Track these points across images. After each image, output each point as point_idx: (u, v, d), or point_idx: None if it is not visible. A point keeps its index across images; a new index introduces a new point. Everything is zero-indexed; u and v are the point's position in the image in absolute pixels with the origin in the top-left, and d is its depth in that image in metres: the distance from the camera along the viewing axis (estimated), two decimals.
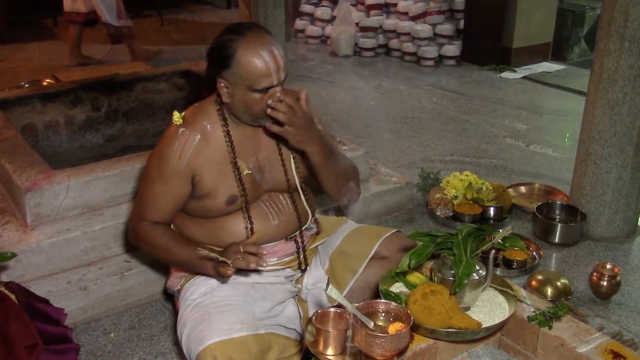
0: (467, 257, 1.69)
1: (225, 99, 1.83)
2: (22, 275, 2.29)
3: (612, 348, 1.69)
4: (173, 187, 1.88)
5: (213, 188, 1.89)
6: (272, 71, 1.75)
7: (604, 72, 2.81)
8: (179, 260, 1.91)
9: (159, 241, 1.89)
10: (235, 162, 1.90)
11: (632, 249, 2.99)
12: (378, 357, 1.53)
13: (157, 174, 1.88)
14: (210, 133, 1.89)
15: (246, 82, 1.76)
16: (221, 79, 1.80)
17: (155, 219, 1.91)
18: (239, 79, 1.76)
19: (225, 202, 1.90)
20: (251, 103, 1.79)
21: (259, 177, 1.95)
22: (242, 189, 1.90)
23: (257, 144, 1.96)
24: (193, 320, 1.81)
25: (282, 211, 1.99)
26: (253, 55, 1.73)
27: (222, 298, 1.85)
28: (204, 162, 1.87)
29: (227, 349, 1.69)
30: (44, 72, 5.50)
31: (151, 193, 1.90)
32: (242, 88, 1.77)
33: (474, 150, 4.15)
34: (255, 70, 1.73)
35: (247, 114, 1.83)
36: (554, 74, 5.79)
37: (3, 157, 2.61)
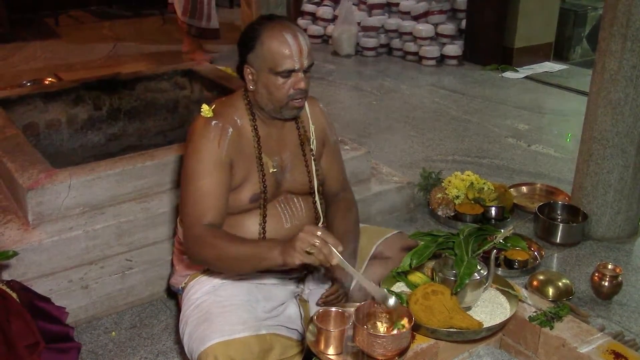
0: (469, 257, 1.69)
1: (250, 86, 1.83)
2: (24, 273, 2.29)
3: (614, 348, 1.69)
4: (220, 178, 1.81)
5: (240, 183, 1.88)
6: (294, 53, 1.75)
7: (606, 72, 2.81)
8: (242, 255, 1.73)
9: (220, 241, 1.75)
10: (261, 158, 1.89)
11: (633, 250, 2.99)
12: (379, 356, 1.53)
13: (201, 169, 1.81)
14: (241, 127, 1.88)
15: (269, 63, 1.76)
16: (247, 65, 1.81)
17: (210, 219, 1.80)
18: (263, 61, 1.77)
19: (249, 199, 1.88)
20: (274, 88, 1.78)
21: (280, 177, 1.95)
22: (264, 187, 1.89)
23: (281, 143, 1.96)
24: (195, 320, 1.80)
25: (295, 215, 1.99)
26: (276, 36, 1.75)
27: (224, 298, 1.85)
28: (237, 154, 1.85)
29: (228, 350, 1.69)
30: (46, 71, 5.51)
31: (200, 191, 1.80)
32: (265, 72, 1.78)
33: (475, 150, 4.15)
34: (278, 50, 1.74)
35: (270, 101, 1.82)
36: (556, 74, 5.79)
37: (5, 156, 2.61)
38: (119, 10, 8.28)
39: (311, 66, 1.82)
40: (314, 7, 6.89)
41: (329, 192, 2.10)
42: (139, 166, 2.57)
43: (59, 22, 7.57)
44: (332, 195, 2.10)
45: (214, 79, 3.57)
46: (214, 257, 1.76)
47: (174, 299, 2.60)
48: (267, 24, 1.78)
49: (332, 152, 2.10)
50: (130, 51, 6.46)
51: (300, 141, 1.98)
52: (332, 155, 2.10)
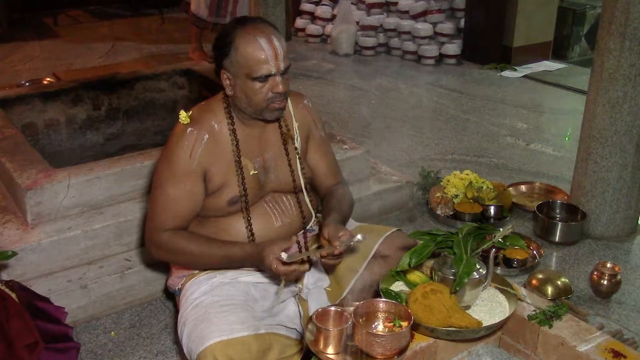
0: (468, 256, 1.69)
1: (228, 91, 1.83)
2: (23, 274, 2.29)
3: (613, 347, 1.70)
4: (187, 188, 1.84)
5: (218, 187, 1.88)
6: (269, 58, 1.74)
7: (605, 71, 2.81)
8: (215, 261, 1.85)
9: (186, 247, 1.83)
10: (240, 162, 1.89)
11: (632, 248, 2.99)
12: (378, 356, 1.53)
13: (169, 176, 1.84)
14: (218, 132, 1.88)
15: (245, 69, 1.75)
16: (224, 70, 1.81)
17: (173, 225, 1.85)
18: (239, 67, 1.77)
19: (226, 203, 1.89)
20: (251, 93, 1.79)
21: (263, 177, 1.95)
22: (243, 189, 1.89)
23: (263, 143, 1.95)
24: (194, 320, 1.80)
25: (285, 213, 1.99)
26: (250, 42, 1.74)
27: (222, 297, 1.85)
28: (213, 160, 1.86)
29: (227, 349, 1.69)
30: (45, 71, 5.51)
31: (166, 198, 1.84)
32: (242, 77, 1.77)
33: (474, 149, 4.15)
34: (252, 56, 1.73)
35: (249, 105, 1.82)
36: (554, 72, 5.79)
37: (4, 156, 2.61)
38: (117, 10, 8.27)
39: (288, 68, 1.81)
40: (313, 6, 6.89)
41: (320, 186, 2.10)
42: (138, 166, 2.57)
43: (58, 21, 7.56)
44: (325, 189, 2.10)
45: (213, 79, 3.57)
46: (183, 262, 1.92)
47: (172, 299, 2.60)
48: (240, 29, 1.76)
49: (318, 146, 2.09)
50: (129, 51, 6.46)
51: (282, 140, 1.98)
52: (319, 151, 2.09)
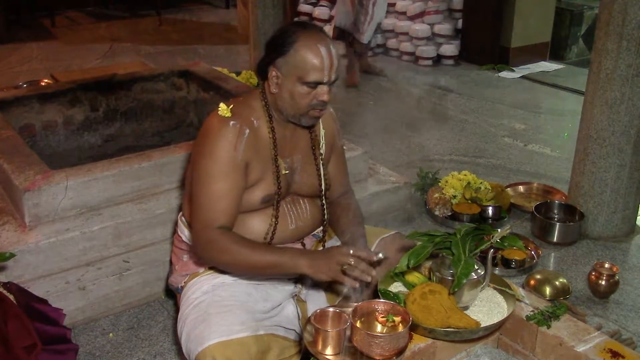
0: (466, 256, 1.69)
1: (273, 89, 1.84)
2: (21, 275, 2.29)
3: (611, 347, 1.70)
4: (234, 181, 1.81)
5: (254, 184, 1.88)
6: (325, 67, 1.77)
7: (602, 71, 2.81)
8: (264, 264, 1.78)
9: (237, 247, 1.78)
10: (277, 160, 1.90)
11: (630, 248, 3.00)
12: (377, 356, 1.53)
13: (216, 170, 1.80)
14: (257, 128, 1.88)
15: (299, 72, 1.77)
16: (274, 67, 1.82)
17: (223, 222, 1.81)
18: (293, 68, 1.78)
19: (260, 199, 1.89)
20: (298, 96, 1.80)
21: (290, 179, 1.96)
22: (278, 188, 1.91)
23: (293, 145, 1.97)
24: (193, 320, 1.80)
25: (300, 217, 2.00)
26: (311, 47, 1.76)
27: (222, 298, 1.85)
28: (252, 156, 1.86)
29: (226, 350, 1.69)
30: (42, 72, 5.50)
31: (213, 194, 1.80)
32: (293, 78, 1.79)
33: (472, 149, 4.15)
34: (310, 61, 1.76)
35: (292, 107, 1.83)
36: (552, 73, 5.79)
37: (1, 158, 2.61)
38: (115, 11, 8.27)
39: (336, 80, 1.84)
40: (311, 7, 6.90)
41: (332, 194, 2.12)
42: (136, 167, 2.57)
43: (56, 23, 7.56)
44: (335, 196, 2.13)
45: (211, 80, 3.57)
46: (229, 262, 1.81)
47: (171, 299, 2.60)
48: (304, 33, 1.79)
49: (339, 156, 2.13)
50: (127, 52, 6.45)
51: (311, 144, 2.00)
52: (339, 160, 2.14)
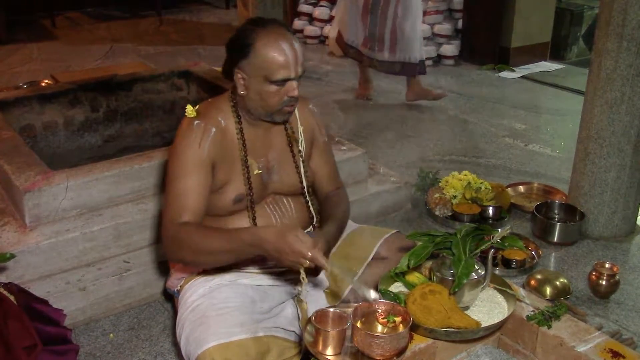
0: (466, 256, 1.69)
1: (240, 90, 1.83)
2: (21, 276, 2.29)
3: (611, 347, 1.70)
4: (198, 178, 1.81)
5: (223, 184, 1.88)
6: (290, 63, 1.76)
7: (603, 71, 2.81)
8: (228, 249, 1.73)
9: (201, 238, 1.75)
10: (246, 160, 1.89)
11: (630, 248, 3.00)
12: (377, 357, 1.53)
13: (180, 168, 1.81)
14: (225, 128, 1.88)
15: (263, 72, 1.76)
16: (238, 70, 1.80)
17: (187, 219, 1.80)
18: (257, 69, 1.76)
19: (232, 200, 1.89)
20: (266, 95, 1.79)
21: (266, 178, 1.95)
22: (249, 188, 1.89)
23: (268, 144, 1.96)
24: (192, 323, 1.80)
25: (285, 215, 1.99)
26: (272, 46, 1.74)
27: (220, 300, 1.85)
28: (219, 155, 1.86)
29: (225, 353, 1.69)
30: (43, 73, 5.50)
31: (177, 191, 1.81)
32: (259, 79, 1.78)
33: (472, 149, 4.15)
34: (273, 60, 1.74)
35: (262, 107, 1.83)
36: (552, 73, 5.79)
37: (2, 158, 2.61)
38: (115, 12, 8.28)
39: (304, 72, 1.83)
40: (311, 7, 6.90)
41: (321, 191, 2.11)
42: (136, 167, 2.57)
43: (56, 23, 7.56)
44: (325, 194, 2.11)
45: (211, 80, 3.57)
46: (191, 254, 1.77)
47: (171, 300, 2.60)
48: (262, 31, 1.76)
49: (322, 152, 2.10)
50: (127, 52, 6.46)
51: (288, 142, 1.99)
52: (322, 155, 2.10)
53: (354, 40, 4.63)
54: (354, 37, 4.59)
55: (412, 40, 4.47)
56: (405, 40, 4.42)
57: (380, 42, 4.44)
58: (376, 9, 4.32)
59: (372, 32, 4.44)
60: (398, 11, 4.33)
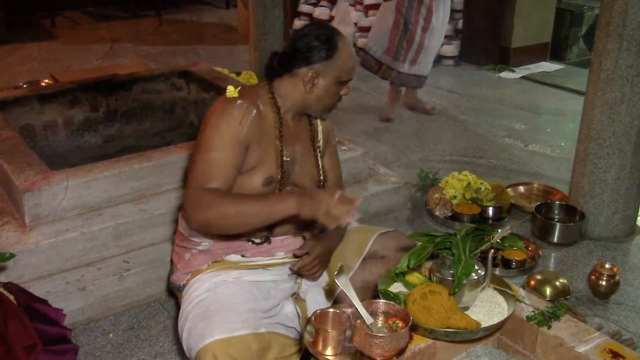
0: (466, 257, 1.69)
1: (308, 89, 1.92)
2: (21, 276, 2.29)
3: (611, 348, 1.70)
4: (234, 154, 1.84)
5: (255, 166, 1.91)
6: (355, 67, 1.97)
7: (603, 71, 2.81)
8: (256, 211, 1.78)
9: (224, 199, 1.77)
10: (282, 145, 1.95)
11: (630, 249, 3.00)
12: (377, 357, 1.53)
13: (217, 141, 1.83)
14: (262, 112, 1.92)
15: (339, 73, 1.91)
16: (311, 69, 1.89)
17: (214, 186, 1.81)
18: (334, 70, 1.90)
19: (262, 183, 1.92)
20: (332, 93, 1.94)
21: (291, 167, 2.00)
22: (281, 172, 1.95)
23: (296, 136, 2.01)
24: (195, 317, 1.81)
25: None
26: (349, 51, 1.93)
27: (224, 296, 1.86)
28: (256, 137, 1.89)
29: (228, 348, 1.70)
30: (42, 73, 5.50)
31: (211, 160, 1.82)
32: (332, 79, 1.91)
33: (472, 150, 4.15)
34: (349, 64, 1.93)
35: (324, 104, 1.96)
36: (552, 73, 5.80)
37: (1, 158, 2.61)
38: (115, 12, 8.28)
39: None
40: (311, 7, 6.90)
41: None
42: (136, 167, 2.57)
43: (56, 23, 7.57)
44: None
45: (211, 80, 3.57)
46: (217, 216, 1.77)
47: (172, 299, 2.60)
48: (340, 37, 1.92)
49: (332, 154, 2.17)
50: (127, 52, 6.46)
51: (311, 137, 2.07)
52: (332, 157, 2.18)
53: (375, 48, 4.59)
54: (376, 45, 4.57)
55: (432, 55, 4.61)
56: (427, 54, 4.53)
57: (405, 54, 4.49)
58: (407, 24, 4.39)
59: (400, 44, 4.46)
60: (426, 31, 4.41)
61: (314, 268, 1.98)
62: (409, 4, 4.35)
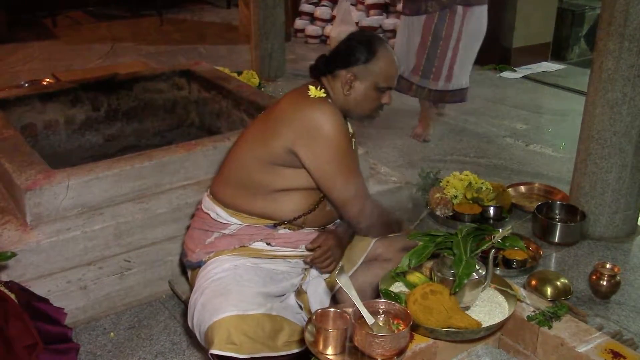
0: (467, 256, 1.69)
1: (345, 91, 1.97)
2: (22, 274, 2.29)
3: (612, 348, 1.70)
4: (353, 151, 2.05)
5: None
6: (395, 76, 2.00)
7: (604, 71, 2.81)
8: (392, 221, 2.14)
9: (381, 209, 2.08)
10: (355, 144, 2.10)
11: (631, 249, 3.00)
12: (378, 356, 1.53)
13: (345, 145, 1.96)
14: None
15: (376, 78, 1.95)
16: (350, 72, 1.95)
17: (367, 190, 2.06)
18: (371, 74, 1.95)
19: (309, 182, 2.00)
20: (369, 99, 1.99)
21: None
22: None
23: None
24: (212, 292, 1.86)
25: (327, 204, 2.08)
26: (389, 58, 1.97)
27: (242, 277, 1.92)
28: None
29: (242, 324, 1.75)
30: (44, 72, 5.51)
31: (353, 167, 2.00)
32: (369, 83, 1.96)
33: (473, 149, 4.15)
34: (388, 70, 1.97)
35: (361, 108, 2.00)
36: (553, 73, 5.79)
37: (3, 157, 2.61)
38: (116, 11, 8.28)
39: None
40: (312, 7, 6.90)
41: None
42: (137, 167, 2.57)
43: (57, 22, 7.57)
44: None
45: (212, 80, 3.57)
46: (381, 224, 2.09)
47: (173, 298, 2.60)
48: (381, 43, 1.97)
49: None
50: (128, 52, 6.46)
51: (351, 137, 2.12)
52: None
53: (402, 68, 4.18)
54: (403, 63, 4.16)
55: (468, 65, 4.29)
56: (463, 66, 4.21)
57: (437, 72, 4.16)
58: (437, 41, 4.06)
59: (430, 61, 4.14)
60: (459, 44, 4.09)
61: (327, 260, 2.01)
62: (439, 19, 4.00)
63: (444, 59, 4.11)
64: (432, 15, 4.00)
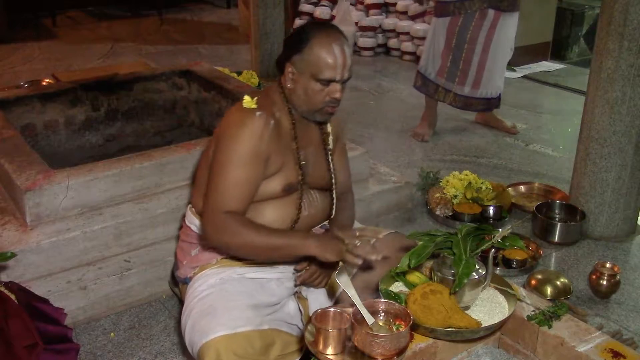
0: (467, 256, 1.69)
1: (289, 84, 1.89)
2: (22, 275, 2.29)
3: (612, 347, 1.70)
4: (254, 171, 1.86)
5: (274, 173, 1.92)
6: (338, 65, 1.83)
7: (604, 71, 2.81)
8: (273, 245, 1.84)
9: (247, 230, 1.82)
10: (299, 151, 1.95)
11: (631, 248, 3.00)
12: (378, 356, 1.53)
13: (237, 157, 1.83)
14: (279, 120, 1.93)
15: (312, 69, 1.83)
16: (290, 64, 1.87)
17: (235, 208, 1.84)
18: (307, 65, 1.83)
19: (282, 188, 1.93)
20: (311, 92, 1.86)
21: (305, 170, 2.01)
22: (302, 177, 1.96)
23: (307, 138, 2.02)
24: (199, 312, 1.82)
25: (312, 204, 2.04)
26: (325, 46, 1.82)
27: (229, 292, 1.88)
28: (275, 147, 1.90)
29: (231, 344, 1.70)
30: (44, 72, 5.50)
31: (231, 180, 1.84)
32: (307, 75, 1.84)
33: (473, 149, 4.15)
34: (323, 59, 1.82)
35: (306, 103, 1.89)
36: (553, 73, 5.79)
37: (3, 157, 2.61)
38: (116, 11, 8.27)
39: (349, 79, 1.89)
40: (312, 7, 6.89)
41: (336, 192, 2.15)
42: (137, 167, 2.57)
43: (57, 22, 7.56)
44: (339, 194, 2.15)
45: (212, 80, 3.57)
46: (238, 245, 1.85)
47: (173, 299, 2.60)
48: (319, 31, 1.84)
49: (342, 155, 2.19)
50: (128, 52, 6.46)
51: (322, 139, 2.07)
52: (342, 158, 2.19)
53: (430, 70, 4.18)
54: (429, 65, 4.16)
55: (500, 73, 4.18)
56: (492, 74, 4.10)
57: (462, 76, 4.08)
58: (462, 43, 3.99)
59: (455, 64, 4.06)
60: (488, 50, 3.99)
61: (318, 279, 1.99)
62: (463, 22, 3.92)
63: (470, 63, 4.03)
64: (457, 18, 3.95)
